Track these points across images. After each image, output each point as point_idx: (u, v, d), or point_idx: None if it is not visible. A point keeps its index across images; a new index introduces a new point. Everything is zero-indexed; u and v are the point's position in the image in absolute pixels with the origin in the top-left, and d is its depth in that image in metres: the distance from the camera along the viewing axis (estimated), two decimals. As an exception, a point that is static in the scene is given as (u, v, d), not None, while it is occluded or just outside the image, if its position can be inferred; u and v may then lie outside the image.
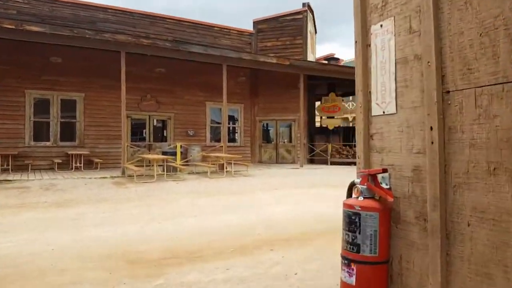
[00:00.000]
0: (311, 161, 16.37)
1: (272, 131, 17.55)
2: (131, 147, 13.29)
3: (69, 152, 12.17)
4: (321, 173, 12.49)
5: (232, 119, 16.85)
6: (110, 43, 11.16)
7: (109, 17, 14.09)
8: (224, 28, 16.47)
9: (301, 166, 14.35)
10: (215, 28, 16.24)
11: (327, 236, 4.80)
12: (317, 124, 20.77)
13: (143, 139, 14.88)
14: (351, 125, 29.99)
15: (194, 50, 12.36)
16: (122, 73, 11.10)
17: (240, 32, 16.77)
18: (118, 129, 11.99)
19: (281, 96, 16.31)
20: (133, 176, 9.79)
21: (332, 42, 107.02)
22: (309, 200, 7.42)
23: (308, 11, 16.83)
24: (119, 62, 11.18)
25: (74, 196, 7.54)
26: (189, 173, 11.39)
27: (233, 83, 15.18)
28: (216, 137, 16.18)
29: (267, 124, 17.47)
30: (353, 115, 29.85)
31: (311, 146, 16.53)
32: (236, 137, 16.99)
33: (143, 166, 11.23)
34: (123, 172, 10.74)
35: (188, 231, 4.94)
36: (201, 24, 16.00)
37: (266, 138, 17.70)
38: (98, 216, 5.86)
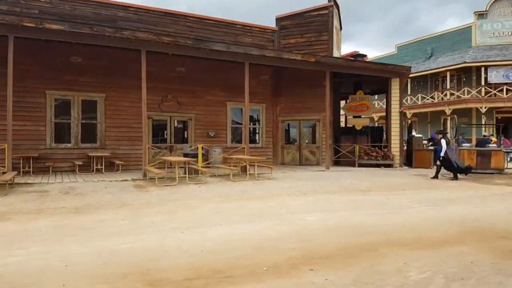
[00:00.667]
0: (337, 163, 15.66)
1: (294, 132, 16.92)
2: (152, 149, 12.97)
3: (90, 154, 11.93)
4: (350, 177, 11.79)
5: (253, 119, 16.35)
6: (130, 41, 10.85)
7: (130, 16, 13.83)
8: (246, 26, 15.98)
9: (327, 168, 13.68)
10: (237, 26, 15.78)
11: (372, 252, 4.21)
12: (341, 124, 20.02)
13: (164, 141, 14.55)
14: (376, 124, 29.06)
15: (216, 48, 11.90)
16: (142, 72, 10.77)
17: (262, 29, 16.24)
18: (139, 130, 11.67)
19: (305, 95, 15.69)
20: (155, 178, 9.42)
21: (352, 41, 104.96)
22: (344, 207, 6.81)
23: (334, 6, 16.11)
24: (139, 61, 10.87)
25: (93, 201, 7.19)
26: (211, 176, 10.94)
27: (255, 82, 14.66)
28: (237, 138, 15.70)
29: (288, 124, 16.87)
30: (379, 114, 28.88)
31: (336, 147, 15.82)
32: (257, 138, 16.47)
33: (164, 168, 10.86)
34: (145, 175, 10.40)
35: (214, 244, 4.44)
36: (223, 22, 15.56)
37: (288, 139, 17.10)
38: (117, 224, 5.45)
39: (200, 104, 14.60)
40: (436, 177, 11.73)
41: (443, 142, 11.74)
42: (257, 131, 16.48)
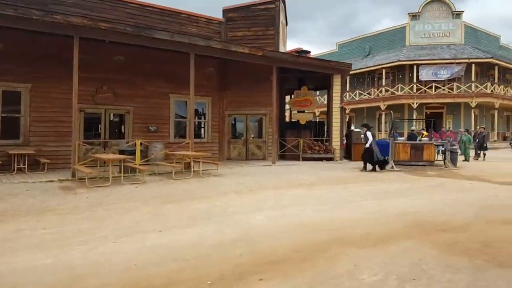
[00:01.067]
0: (282, 157, 15.67)
1: (241, 126, 16.63)
2: (84, 145, 11.87)
3: (11, 152, 10.55)
4: (296, 171, 11.77)
5: (198, 113, 15.77)
6: (62, 26, 9.71)
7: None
8: (192, 15, 15.25)
9: (273, 163, 13.58)
10: (183, 15, 14.99)
11: (323, 253, 4.02)
12: (286, 119, 20.15)
13: (98, 136, 13.43)
14: (317, 119, 29.79)
15: (159, 36, 11.12)
16: (74, 60, 9.72)
17: (209, 20, 15.62)
18: (69, 125, 10.58)
19: (252, 90, 15.43)
20: (85, 179, 8.53)
21: (295, 38, 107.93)
22: (292, 203, 6.63)
23: (281, 1, 16.02)
24: (72, 48, 9.80)
25: (10, 206, 6.26)
26: (150, 174, 10.24)
27: (201, 74, 14.06)
28: (180, 133, 15.03)
29: (235, 118, 16.55)
30: (321, 109, 29.60)
31: (282, 142, 15.82)
32: (203, 133, 15.92)
33: (96, 167, 9.95)
34: (74, 175, 9.40)
35: (151, 254, 3.96)
36: (167, 10, 14.67)
37: (235, 133, 16.79)
38: (38, 234, 4.72)
39: (140, 96, 13.69)
40: (373, 169, 12.18)
41: (369, 134, 12.33)
42: (203, 125, 15.93)
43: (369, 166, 12.37)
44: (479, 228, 5.06)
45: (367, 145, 12.27)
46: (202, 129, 15.91)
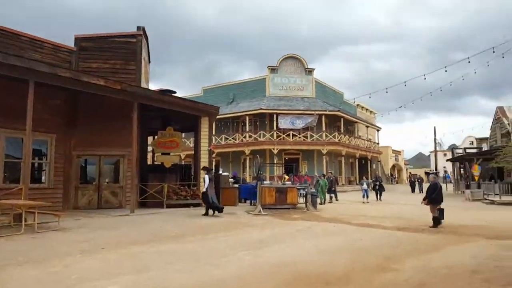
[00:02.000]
0: (143, 205, 14.00)
1: (93, 170, 14.39)
2: None
3: None
4: (160, 220, 10.46)
5: (38, 153, 13.05)
6: None
7: None
8: (36, 40, 12.84)
9: (132, 211, 11.87)
10: (23, 38, 12.45)
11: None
12: (149, 162, 18.66)
13: None
14: (183, 163, 28.80)
15: (-16, 57, 8.79)
16: None
17: (57, 47, 13.45)
18: None
19: (108, 128, 13.56)
20: None
21: (158, 81, 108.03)
22: (157, 264, 5.42)
23: (143, 37, 15.13)
24: None
25: None
26: (-41, 233, 7.55)
27: (43, 107, 11.72)
28: (14, 177, 12.05)
29: (86, 160, 14.30)
30: (186, 152, 28.77)
31: (143, 187, 14.22)
32: (43, 177, 13.15)
33: None
34: None
35: None
36: (2, 30, 12.04)
37: (85, 177, 14.43)
38: None
39: (-48, 130, 10.53)
40: (206, 213, 11.76)
41: (206, 178, 12.15)
42: (43, 168, 13.19)
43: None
44: (361, 277, 4.86)
45: (204, 189, 12.02)
46: (43, 172, 13.18)
